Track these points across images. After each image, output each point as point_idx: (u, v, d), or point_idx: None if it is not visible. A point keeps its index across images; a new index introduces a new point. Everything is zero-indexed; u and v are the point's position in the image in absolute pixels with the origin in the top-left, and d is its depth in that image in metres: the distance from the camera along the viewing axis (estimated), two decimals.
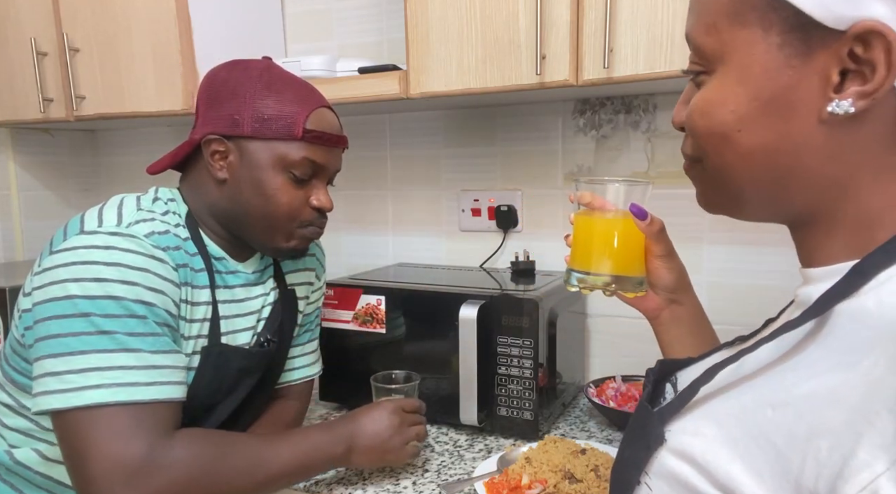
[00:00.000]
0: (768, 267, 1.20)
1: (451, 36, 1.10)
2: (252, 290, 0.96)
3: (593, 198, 0.69)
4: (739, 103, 0.44)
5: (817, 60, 0.41)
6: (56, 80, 1.47)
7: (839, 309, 0.41)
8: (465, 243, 1.48)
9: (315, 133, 0.87)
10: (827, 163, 0.43)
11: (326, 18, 1.54)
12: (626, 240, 0.68)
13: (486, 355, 1.08)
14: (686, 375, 0.58)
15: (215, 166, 0.87)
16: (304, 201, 0.90)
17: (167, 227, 0.84)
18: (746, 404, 0.43)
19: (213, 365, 0.88)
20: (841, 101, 0.40)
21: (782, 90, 0.42)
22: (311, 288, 1.08)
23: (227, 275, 0.92)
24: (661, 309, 0.72)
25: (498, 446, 1.10)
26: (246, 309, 0.94)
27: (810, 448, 0.37)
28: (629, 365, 1.30)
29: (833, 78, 0.40)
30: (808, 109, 0.42)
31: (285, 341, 1.02)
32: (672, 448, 0.46)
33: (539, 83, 1.05)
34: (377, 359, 1.20)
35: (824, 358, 0.41)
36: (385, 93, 1.18)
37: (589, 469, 0.91)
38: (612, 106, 1.31)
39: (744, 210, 0.49)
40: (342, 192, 1.61)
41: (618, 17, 0.98)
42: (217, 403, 0.92)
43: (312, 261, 1.09)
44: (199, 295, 0.87)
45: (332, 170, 0.93)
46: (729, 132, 0.45)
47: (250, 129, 0.85)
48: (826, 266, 0.45)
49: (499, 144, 1.43)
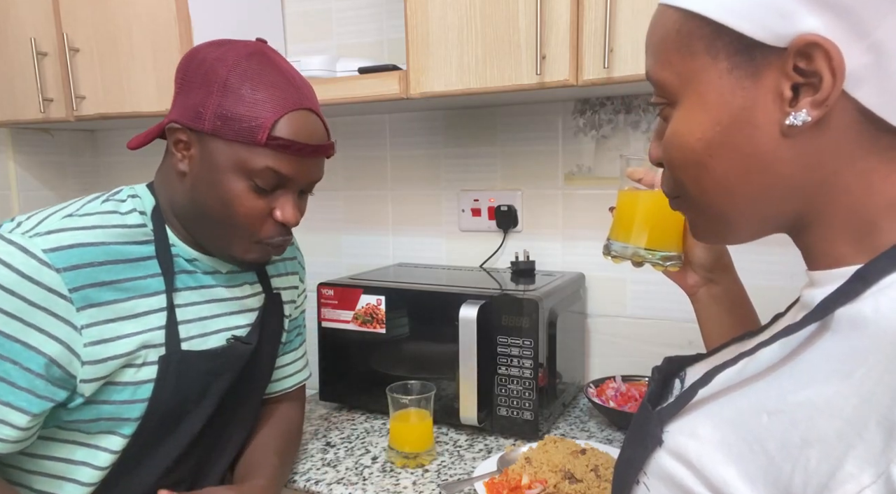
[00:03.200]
0: (771, 268, 1.20)
1: (451, 36, 1.10)
2: (235, 291, 0.91)
3: (645, 174, 0.71)
4: (704, 130, 0.45)
5: (767, 79, 0.42)
6: (56, 80, 1.47)
7: (839, 314, 0.42)
8: (465, 243, 1.48)
9: (282, 141, 0.76)
10: (804, 172, 0.43)
11: (326, 18, 1.54)
12: (663, 216, 0.69)
13: (486, 355, 1.08)
14: (695, 371, 0.58)
15: (177, 156, 0.80)
16: (266, 212, 0.80)
17: (104, 238, 0.77)
18: (743, 408, 0.43)
19: (176, 373, 0.82)
20: (797, 113, 0.41)
21: (739, 111, 0.43)
22: (297, 291, 1.06)
23: (204, 276, 0.87)
24: (699, 286, 0.73)
25: (498, 446, 1.10)
26: (227, 308, 0.90)
27: (801, 456, 0.37)
28: (629, 364, 1.30)
29: (786, 93, 0.42)
30: (769, 126, 0.43)
31: (271, 345, 0.98)
32: (669, 449, 0.47)
33: (539, 83, 1.05)
34: (377, 360, 1.20)
35: (822, 365, 0.41)
36: (385, 93, 1.18)
37: (589, 469, 0.91)
38: (613, 106, 1.31)
39: (736, 233, 0.50)
40: (342, 192, 1.61)
41: (618, 16, 0.98)
42: (187, 411, 0.86)
43: (294, 265, 1.06)
44: (139, 307, 0.79)
45: (303, 181, 0.82)
46: (702, 159, 0.46)
47: (211, 126, 0.76)
48: (831, 269, 0.45)
49: (499, 144, 1.43)
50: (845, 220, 0.44)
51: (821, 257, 0.47)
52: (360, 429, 1.19)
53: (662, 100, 0.48)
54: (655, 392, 0.57)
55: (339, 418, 1.25)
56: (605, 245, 0.74)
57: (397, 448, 1.04)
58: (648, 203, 0.71)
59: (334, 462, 1.06)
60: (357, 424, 1.22)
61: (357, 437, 1.16)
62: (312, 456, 1.08)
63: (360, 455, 1.08)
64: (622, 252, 0.72)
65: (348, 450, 1.10)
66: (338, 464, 1.05)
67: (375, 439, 1.14)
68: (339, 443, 1.13)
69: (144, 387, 0.80)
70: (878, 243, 0.43)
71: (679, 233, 0.72)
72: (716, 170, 0.45)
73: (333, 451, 1.10)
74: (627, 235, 0.72)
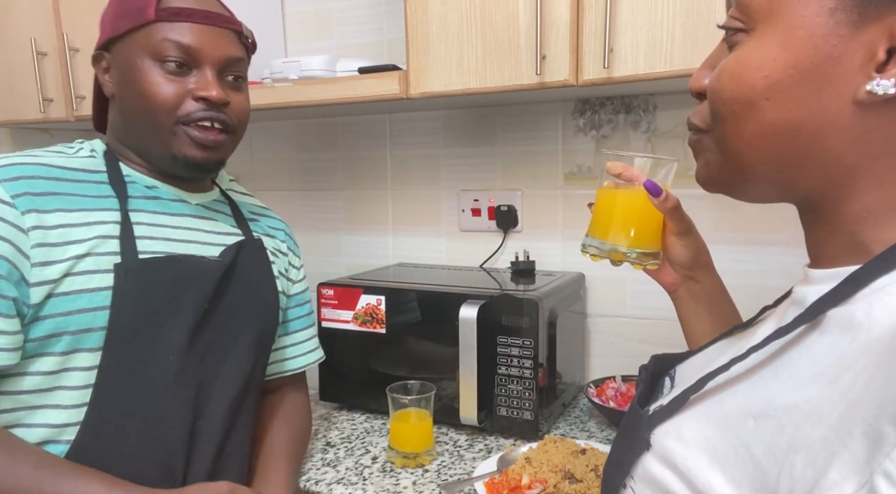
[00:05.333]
0: (771, 268, 1.20)
1: (451, 36, 1.10)
2: (206, 224, 0.90)
3: (624, 169, 0.68)
4: (776, 68, 0.41)
5: (867, 33, 0.38)
6: (56, 80, 1.47)
7: (830, 315, 0.40)
8: (465, 243, 1.48)
9: (171, 9, 0.79)
10: (848, 148, 0.41)
11: (326, 18, 1.54)
12: (642, 214, 0.69)
13: (486, 355, 1.08)
14: (685, 368, 0.58)
15: (105, 83, 0.85)
16: (184, 92, 0.81)
17: (48, 161, 0.80)
18: (729, 411, 0.42)
19: (135, 280, 0.79)
20: (882, 81, 0.38)
21: (824, 60, 0.39)
22: (286, 261, 1.04)
23: (170, 202, 0.87)
24: (678, 284, 0.72)
25: (498, 446, 1.10)
26: (196, 238, 0.88)
27: (787, 462, 0.37)
28: (629, 364, 1.30)
29: (879, 55, 0.38)
30: (845, 86, 0.39)
31: (257, 276, 0.94)
32: (656, 453, 0.46)
33: (539, 83, 1.05)
34: (377, 359, 1.20)
35: (808, 368, 0.40)
36: (385, 93, 1.18)
37: (589, 469, 0.91)
38: (612, 106, 1.31)
39: (748, 189, 0.47)
40: (342, 192, 1.61)
41: (618, 17, 0.98)
42: (159, 323, 0.81)
43: (279, 232, 1.04)
44: (90, 217, 0.79)
45: (212, 54, 0.82)
46: (756, 99, 0.42)
47: (111, 30, 0.82)
48: (828, 268, 0.44)
49: (499, 144, 1.43)
50: (853, 216, 0.42)
51: (821, 253, 0.45)
52: (360, 429, 1.19)
53: (738, 23, 0.43)
54: (645, 392, 0.56)
55: (338, 418, 1.25)
56: (583, 243, 0.73)
57: (397, 449, 1.04)
58: (628, 200, 0.70)
59: (334, 462, 1.06)
60: (357, 424, 1.22)
61: (357, 437, 1.16)
62: (312, 456, 1.08)
63: (360, 455, 1.08)
64: (600, 248, 0.71)
65: (348, 450, 1.10)
66: (338, 464, 1.05)
67: (375, 439, 1.14)
68: (339, 443, 1.13)
69: (101, 295, 0.78)
70: (873, 245, 0.42)
71: (658, 231, 0.71)
72: (765, 116, 0.42)
73: (333, 451, 1.10)
74: (605, 232, 0.70)
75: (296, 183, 1.66)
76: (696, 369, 0.54)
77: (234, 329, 0.90)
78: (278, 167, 1.67)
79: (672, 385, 0.57)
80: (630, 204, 0.70)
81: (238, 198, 1.03)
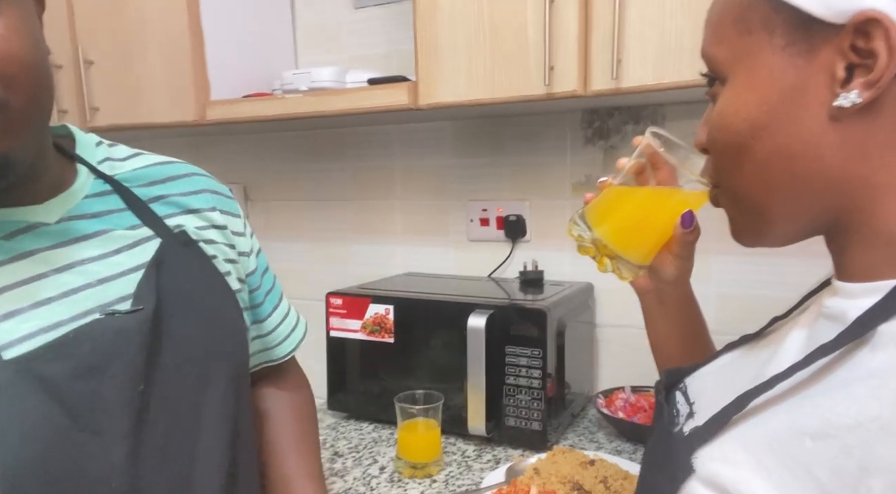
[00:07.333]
0: (778, 279, 1.20)
1: (460, 47, 1.11)
2: (92, 247, 0.59)
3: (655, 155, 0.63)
4: (750, 109, 0.44)
5: (821, 57, 0.41)
6: (70, 91, 1.49)
7: (882, 330, 0.39)
8: (474, 253, 1.49)
9: None
10: (848, 162, 0.42)
11: (336, 30, 1.56)
12: (654, 224, 0.61)
13: (494, 365, 1.08)
14: (697, 382, 0.57)
15: None
16: None
17: None
18: (777, 430, 0.41)
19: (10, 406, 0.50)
20: (847, 93, 0.40)
21: (789, 91, 0.42)
22: (226, 233, 0.71)
23: (16, 239, 0.55)
24: (649, 289, 0.70)
25: (506, 456, 1.09)
26: (85, 278, 0.57)
27: (860, 486, 0.35)
28: (638, 375, 1.29)
29: (839, 73, 0.40)
30: (818, 108, 0.41)
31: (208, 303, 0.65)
32: (701, 478, 0.43)
33: (547, 94, 1.05)
34: (386, 369, 1.20)
35: (863, 382, 0.38)
36: (394, 104, 1.19)
37: (598, 480, 0.90)
38: (621, 116, 1.31)
39: (774, 230, 0.47)
40: (350, 202, 1.61)
41: (626, 27, 0.98)
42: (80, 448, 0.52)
43: (204, 199, 0.70)
44: None
45: None
46: (745, 141, 0.44)
47: None
48: (865, 282, 0.43)
49: (507, 155, 1.43)
50: (889, 226, 0.42)
51: (855, 266, 0.44)
52: (367, 439, 1.19)
53: (712, 77, 0.47)
54: (669, 411, 0.54)
55: (346, 427, 1.25)
56: (573, 216, 0.65)
57: (405, 458, 1.04)
58: (650, 204, 0.62)
59: (342, 472, 1.05)
60: (365, 434, 1.21)
61: (365, 447, 1.15)
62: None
63: (367, 465, 1.08)
64: (585, 234, 0.63)
65: (356, 460, 1.10)
66: (345, 474, 1.05)
67: (383, 449, 1.14)
68: (346, 453, 1.13)
69: None
70: None
71: (657, 248, 0.63)
72: (758, 154, 0.44)
73: (341, 461, 1.10)
74: (601, 224, 0.62)
75: (305, 193, 1.67)
76: (713, 384, 0.53)
77: (193, 387, 0.61)
78: (288, 177, 1.68)
79: (686, 399, 0.56)
80: (650, 208, 0.62)
81: (123, 172, 0.67)
